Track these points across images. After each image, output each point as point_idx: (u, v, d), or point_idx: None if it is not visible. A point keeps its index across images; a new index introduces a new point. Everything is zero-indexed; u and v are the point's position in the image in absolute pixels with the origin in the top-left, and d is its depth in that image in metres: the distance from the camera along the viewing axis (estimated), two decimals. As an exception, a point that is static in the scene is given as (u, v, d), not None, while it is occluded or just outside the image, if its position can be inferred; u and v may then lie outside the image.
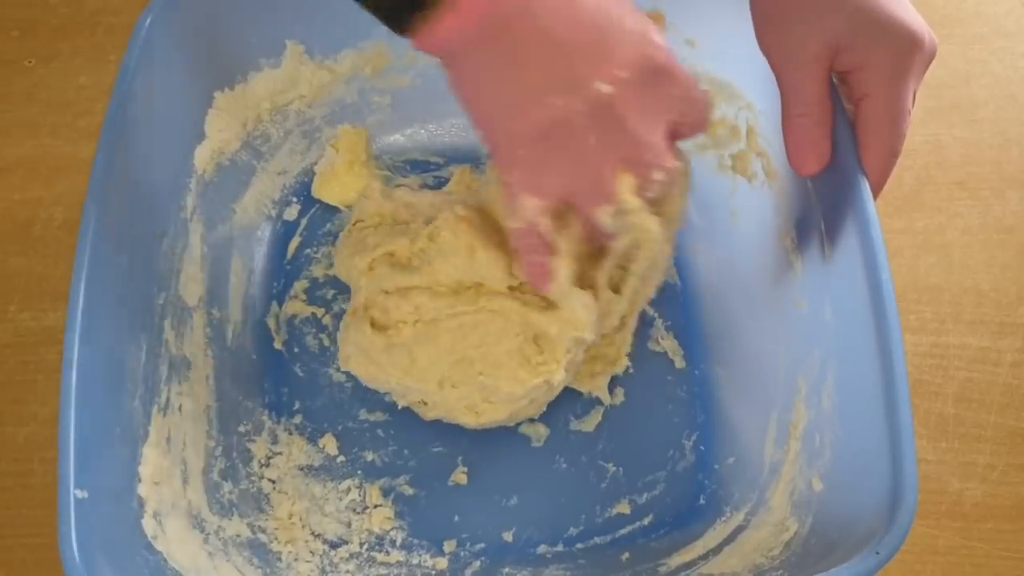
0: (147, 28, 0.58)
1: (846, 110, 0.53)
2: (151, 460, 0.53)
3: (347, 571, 0.58)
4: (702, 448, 0.63)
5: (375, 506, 0.61)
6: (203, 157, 0.63)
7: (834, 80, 0.53)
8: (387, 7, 0.44)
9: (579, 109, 0.45)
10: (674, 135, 0.49)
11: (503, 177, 0.50)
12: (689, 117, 0.49)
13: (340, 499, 0.62)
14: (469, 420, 0.59)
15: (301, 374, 0.66)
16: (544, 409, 0.61)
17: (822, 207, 0.55)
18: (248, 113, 0.67)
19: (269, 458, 0.63)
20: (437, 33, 0.44)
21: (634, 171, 0.47)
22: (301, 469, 0.62)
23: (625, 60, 0.45)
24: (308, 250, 0.70)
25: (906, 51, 0.50)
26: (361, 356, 0.59)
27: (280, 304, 0.68)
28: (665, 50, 0.47)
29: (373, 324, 0.58)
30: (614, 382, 0.65)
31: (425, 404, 0.60)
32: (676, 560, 0.56)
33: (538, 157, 0.47)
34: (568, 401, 0.64)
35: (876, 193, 0.51)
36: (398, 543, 0.60)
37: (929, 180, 0.72)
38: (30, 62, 0.78)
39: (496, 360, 0.56)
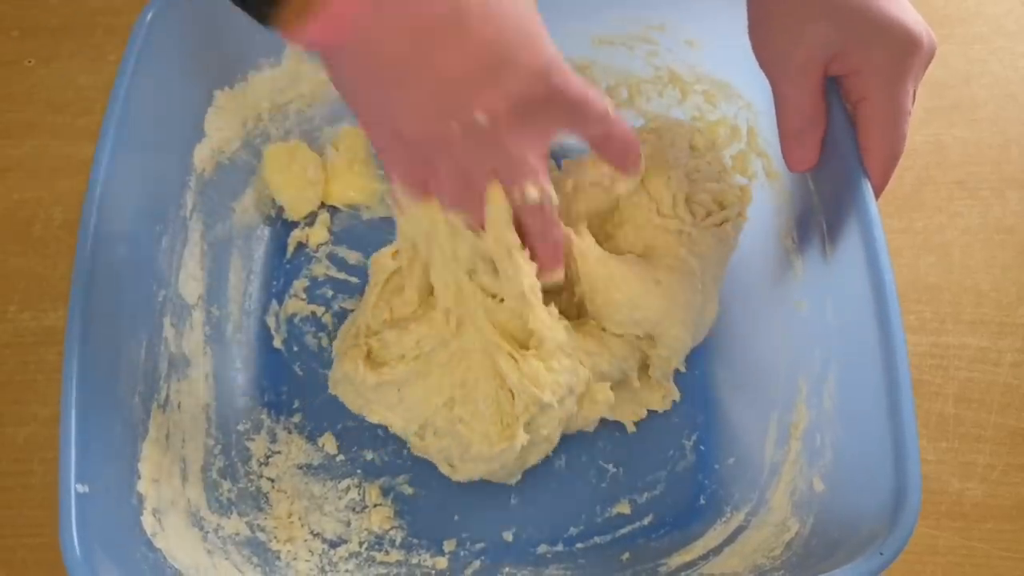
0: (147, 28, 0.58)
1: (847, 109, 0.53)
2: (150, 457, 0.53)
3: (346, 570, 0.58)
4: (702, 448, 0.63)
5: (374, 505, 0.61)
6: (203, 156, 0.63)
7: (834, 81, 0.53)
8: (253, 2, 0.42)
9: (459, 132, 0.45)
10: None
11: (387, 172, 0.51)
12: (577, 130, 0.50)
13: (339, 498, 0.62)
14: (447, 471, 0.59)
15: (300, 373, 0.66)
16: (519, 476, 0.60)
17: (823, 207, 0.55)
18: (248, 112, 0.67)
19: (268, 457, 0.63)
20: (304, 36, 0.42)
21: (506, 184, 0.49)
22: (300, 468, 0.62)
23: (509, 92, 0.45)
24: (307, 249, 0.70)
25: (904, 52, 0.49)
26: (350, 386, 0.59)
27: (280, 303, 0.68)
28: (558, 75, 0.46)
29: (369, 355, 0.58)
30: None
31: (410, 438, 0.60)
32: (676, 560, 0.56)
33: (417, 162, 0.49)
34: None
35: (877, 194, 0.51)
36: (397, 542, 0.60)
37: (929, 180, 0.72)
38: (30, 62, 0.78)
39: (475, 405, 0.56)
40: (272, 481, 0.62)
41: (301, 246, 0.70)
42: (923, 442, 0.63)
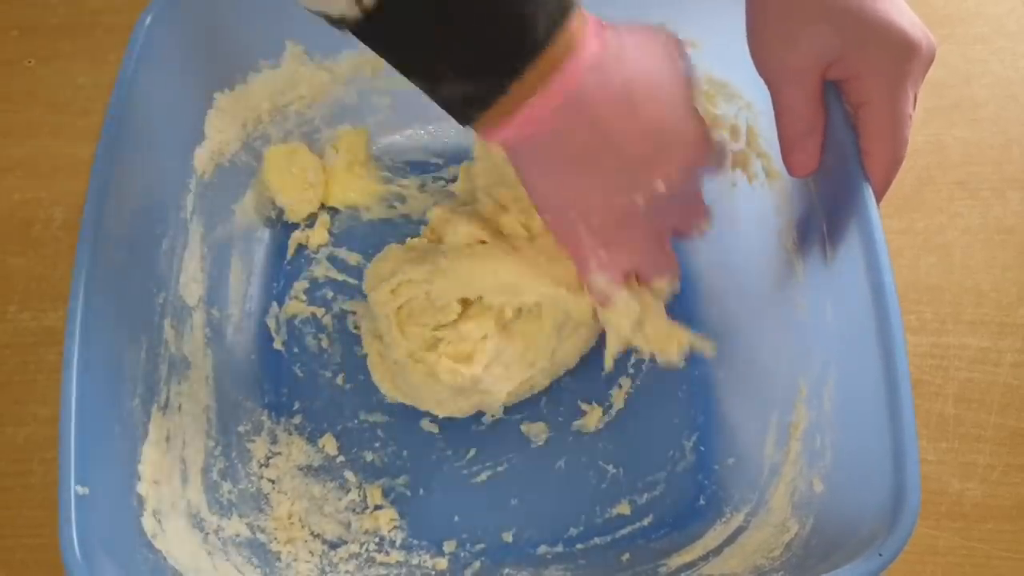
0: (147, 28, 0.58)
1: (847, 111, 0.52)
2: (151, 459, 0.53)
3: (346, 571, 0.58)
4: (702, 449, 0.63)
5: (375, 506, 0.61)
6: (203, 158, 0.63)
7: (833, 84, 0.52)
8: (455, 104, 0.47)
9: (640, 202, 0.51)
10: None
11: (572, 255, 0.55)
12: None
13: (339, 499, 0.62)
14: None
15: (301, 374, 0.66)
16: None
17: (824, 208, 0.55)
18: (248, 114, 0.67)
19: (268, 458, 0.63)
20: (500, 134, 0.47)
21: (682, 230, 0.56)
22: (300, 469, 0.62)
23: (680, 162, 0.51)
24: (308, 251, 0.70)
25: (903, 57, 0.49)
26: (441, 389, 0.60)
27: (280, 304, 0.68)
28: (710, 148, 0.52)
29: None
30: (615, 382, 0.65)
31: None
32: (676, 561, 0.56)
33: (604, 241, 0.53)
34: (568, 401, 0.64)
35: (879, 199, 0.50)
36: (398, 543, 0.60)
37: (929, 180, 0.72)
38: (30, 62, 0.78)
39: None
40: (272, 482, 0.62)
41: (301, 248, 0.70)
42: (923, 442, 0.63)
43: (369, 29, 0.44)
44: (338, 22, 0.44)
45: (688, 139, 0.51)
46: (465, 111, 0.47)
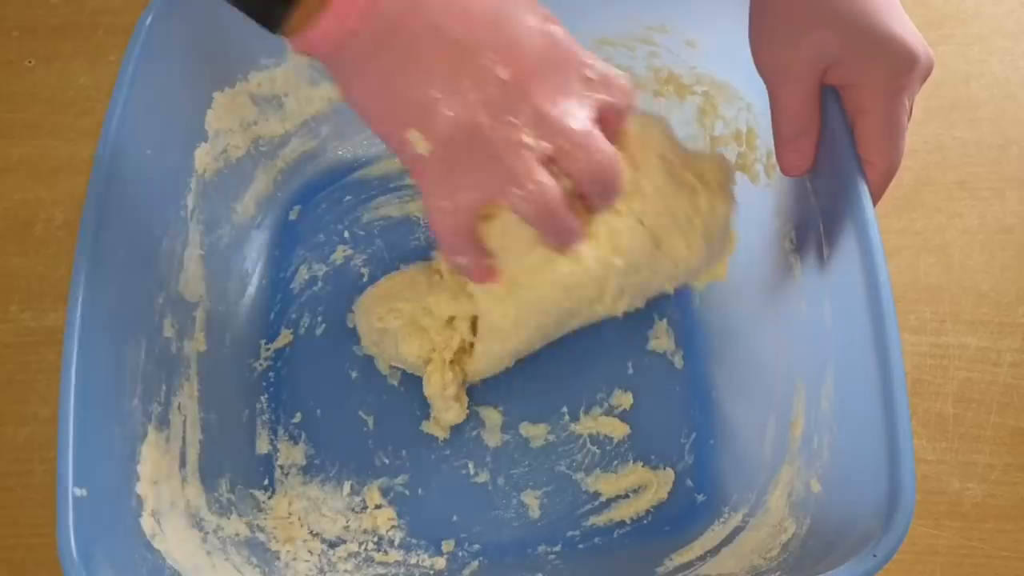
0: (147, 28, 0.58)
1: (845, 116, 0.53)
2: (150, 459, 0.53)
3: (345, 571, 0.58)
4: (701, 448, 0.63)
5: (374, 506, 0.61)
6: (203, 157, 0.63)
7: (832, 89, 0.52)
8: (260, 9, 0.41)
9: (487, 102, 0.43)
10: (604, 122, 0.47)
11: (417, 183, 0.47)
12: (613, 99, 0.46)
13: (338, 499, 0.62)
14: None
15: (300, 374, 0.66)
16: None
17: (821, 209, 0.55)
18: (248, 113, 0.67)
19: (268, 457, 0.63)
20: (314, 34, 0.42)
21: (560, 162, 0.45)
22: (300, 468, 0.63)
23: (528, 49, 0.43)
24: (308, 251, 0.70)
25: (901, 69, 0.49)
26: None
27: (280, 304, 0.68)
28: (568, 39, 0.45)
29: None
30: (616, 382, 0.65)
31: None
32: (674, 561, 0.56)
33: (450, 162, 0.45)
34: (568, 401, 0.64)
35: (874, 203, 0.51)
36: (396, 543, 0.60)
37: (929, 180, 0.72)
38: (30, 62, 0.78)
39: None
40: (272, 481, 0.62)
41: (301, 248, 0.70)
42: (923, 442, 0.63)
43: None
44: None
45: (537, 27, 0.43)
46: (268, 9, 0.41)
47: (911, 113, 0.51)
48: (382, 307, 0.61)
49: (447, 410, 0.61)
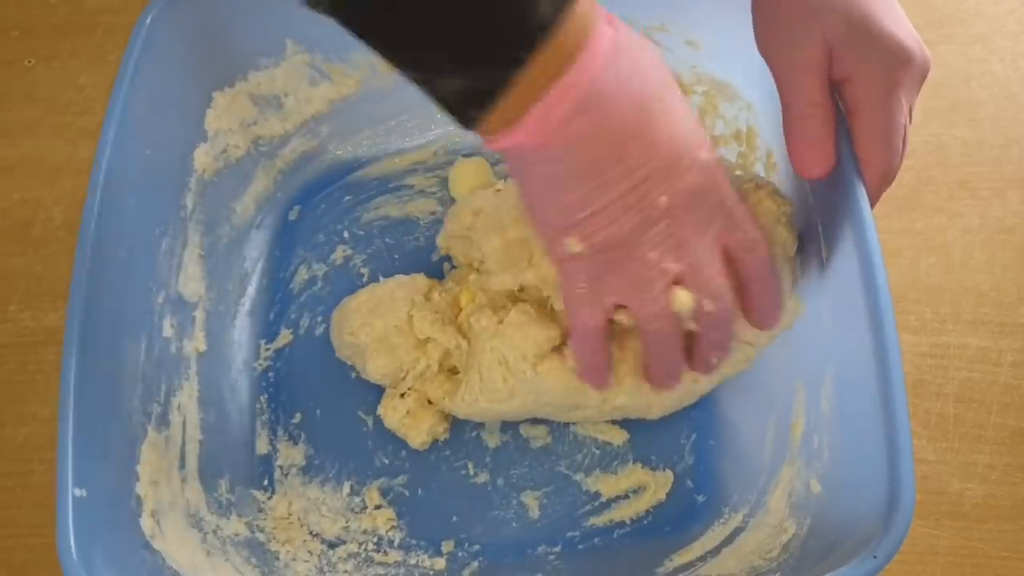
0: (147, 28, 0.58)
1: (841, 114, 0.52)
2: (149, 459, 0.53)
3: (345, 571, 0.58)
4: (701, 449, 0.62)
5: (374, 506, 0.61)
6: (203, 157, 0.63)
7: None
8: (454, 102, 0.42)
9: (641, 225, 0.46)
10: (729, 258, 0.49)
11: (562, 280, 0.50)
12: (738, 234, 0.49)
13: (338, 499, 0.62)
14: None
15: (300, 374, 0.66)
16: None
17: (819, 210, 0.55)
18: (248, 113, 0.67)
19: (268, 457, 0.63)
20: (505, 141, 0.43)
21: (690, 287, 0.48)
22: (299, 469, 0.62)
23: (689, 183, 0.46)
24: (308, 251, 0.70)
25: (896, 65, 0.49)
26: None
27: (280, 304, 0.68)
28: (720, 176, 0.48)
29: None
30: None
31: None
32: (674, 562, 0.56)
33: (598, 269, 0.48)
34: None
35: (871, 206, 0.50)
36: (396, 543, 0.60)
37: (929, 180, 0.72)
38: (30, 62, 0.78)
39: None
40: (272, 482, 0.62)
41: (301, 248, 0.70)
42: (923, 442, 0.63)
43: (352, 11, 0.40)
44: (314, 4, 0.40)
45: (702, 162, 0.46)
46: (465, 110, 0.42)
47: (911, 115, 0.50)
48: (355, 320, 0.61)
49: (415, 436, 0.61)
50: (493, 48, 0.39)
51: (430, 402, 0.61)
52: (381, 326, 0.60)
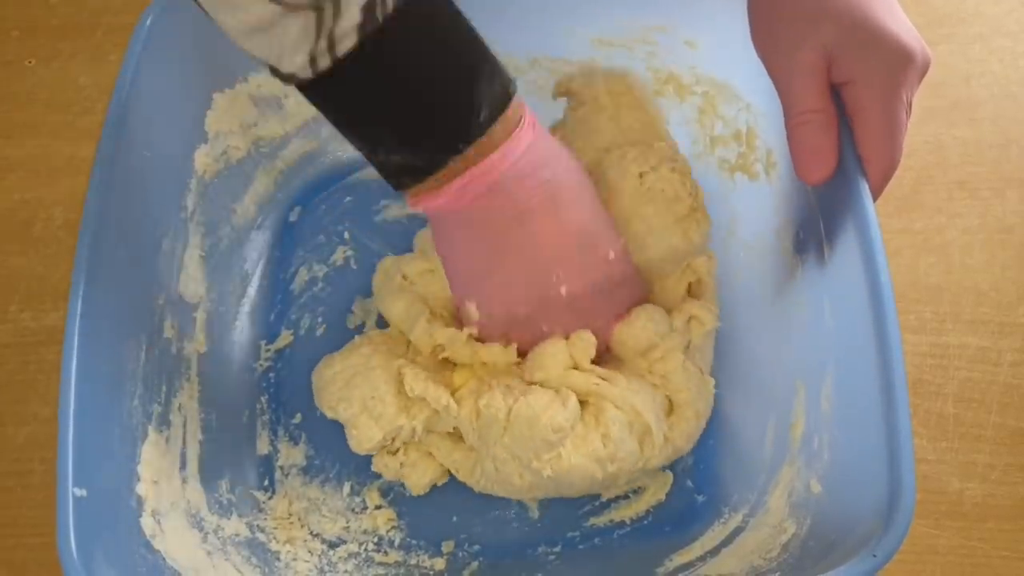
0: (147, 28, 0.58)
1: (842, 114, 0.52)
2: (150, 459, 0.53)
3: (345, 571, 0.58)
4: (701, 449, 0.62)
5: (374, 506, 0.61)
6: (203, 158, 0.63)
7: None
8: (391, 170, 0.49)
9: (542, 305, 0.54)
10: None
11: (465, 318, 0.57)
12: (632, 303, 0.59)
13: (339, 499, 0.62)
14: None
15: (301, 374, 0.66)
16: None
17: (821, 209, 0.55)
18: (248, 114, 0.67)
19: (268, 457, 0.63)
20: (428, 204, 0.50)
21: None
22: (300, 469, 0.63)
23: (591, 279, 0.54)
24: (309, 252, 0.70)
25: (897, 65, 0.49)
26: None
27: (280, 305, 0.68)
28: (622, 264, 0.56)
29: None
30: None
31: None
32: (674, 561, 0.56)
33: (500, 324, 0.56)
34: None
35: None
36: (396, 543, 0.60)
37: (929, 180, 0.72)
38: (30, 62, 0.78)
39: None
40: (272, 482, 0.62)
41: (301, 249, 0.70)
42: (923, 442, 0.63)
43: (317, 88, 0.45)
44: (286, 78, 0.45)
45: (605, 257, 0.54)
46: (400, 178, 0.49)
47: (911, 112, 0.50)
48: (332, 394, 0.59)
49: (416, 486, 0.60)
50: (440, 139, 0.47)
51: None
52: (359, 398, 0.58)
